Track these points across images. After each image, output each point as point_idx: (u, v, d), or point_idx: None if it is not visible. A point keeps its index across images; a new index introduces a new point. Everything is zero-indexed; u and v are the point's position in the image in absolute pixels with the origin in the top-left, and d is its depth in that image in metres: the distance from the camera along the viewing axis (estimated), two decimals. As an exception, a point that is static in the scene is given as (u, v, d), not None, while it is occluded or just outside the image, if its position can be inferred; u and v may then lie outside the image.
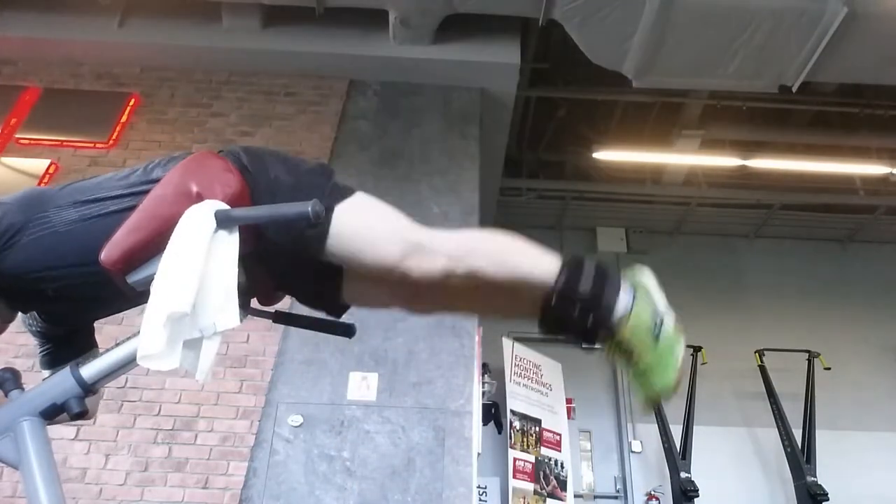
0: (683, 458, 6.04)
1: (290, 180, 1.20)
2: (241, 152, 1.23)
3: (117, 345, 1.16)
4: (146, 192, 1.15)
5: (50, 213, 1.15)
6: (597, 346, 1.23)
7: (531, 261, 1.22)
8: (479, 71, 5.12)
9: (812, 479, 5.81)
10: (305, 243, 1.17)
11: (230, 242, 1.07)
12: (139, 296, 1.08)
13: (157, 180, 1.17)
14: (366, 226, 1.20)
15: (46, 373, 1.33)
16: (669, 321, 1.18)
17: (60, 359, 1.32)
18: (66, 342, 1.37)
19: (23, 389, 1.13)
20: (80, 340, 1.40)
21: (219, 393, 3.85)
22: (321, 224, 1.14)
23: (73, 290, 1.19)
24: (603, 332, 1.19)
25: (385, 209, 1.25)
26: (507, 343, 6.34)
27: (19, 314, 1.29)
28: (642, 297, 1.19)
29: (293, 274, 1.31)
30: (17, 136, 4.82)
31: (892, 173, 6.79)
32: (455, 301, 1.36)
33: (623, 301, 1.17)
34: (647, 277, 1.24)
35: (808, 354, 6.75)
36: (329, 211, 1.15)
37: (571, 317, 1.19)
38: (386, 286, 1.27)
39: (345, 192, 1.22)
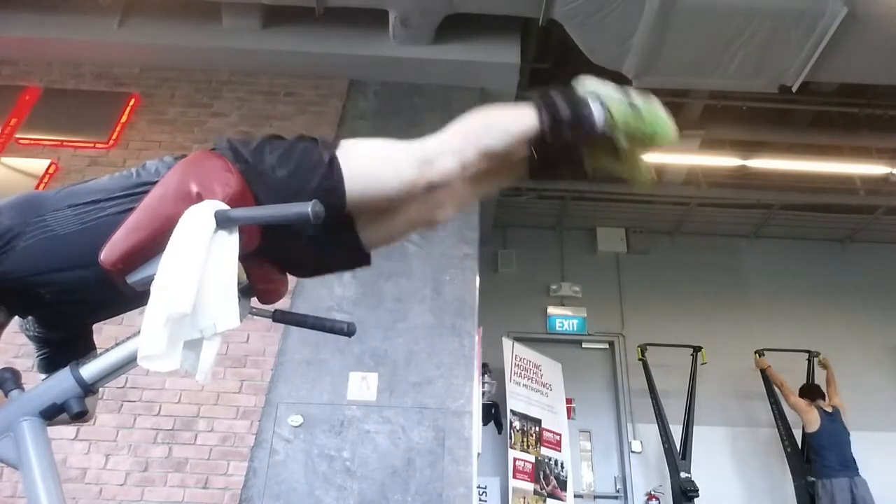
0: (683, 458, 6.04)
1: (289, 177, 1.21)
2: (244, 146, 1.24)
3: (117, 345, 1.16)
4: (144, 193, 1.15)
5: (48, 217, 1.14)
6: (586, 167, 1.46)
7: (516, 118, 1.35)
8: (479, 71, 5.11)
9: (812, 479, 5.82)
10: (326, 199, 1.16)
11: (230, 243, 1.07)
12: (138, 297, 1.08)
13: (155, 181, 1.17)
14: (374, 160, 1.30)
15: (43, 376, 1.33)
16: (636, 96, 1.39)
17: (58, 363, 1.31)
18: (64, 346, 1.37)
19: (23, 389, 1.13)
20: (78, 344, 1.39)
21: (219, 393, 3.86)
22: (333, 175, 1.20)
23: (71, 293, 1.18)
24: (593, 140, 1.38)
25: (375, 141, 1.34)
26: (507, 343, 6.34)
27: (15, 318, 1.28)
28: (605, 96, 1.37)
29: (305, 247, 1.31)
30: (17, 136, 4.82)
31: (892, 173, 6.79)
32: (468, 189, 1.46)
33: (595, 107, 1.35)
34: (590, 81, 1.41)
35: (808, 354, 6.75)
36: (333, 161, 1.22)
37: (567, 140, 1.36)
38: (403, 211, 1.35)
39: (335, 143, 1.28)
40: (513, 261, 7.62)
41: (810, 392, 6.11)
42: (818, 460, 5.68)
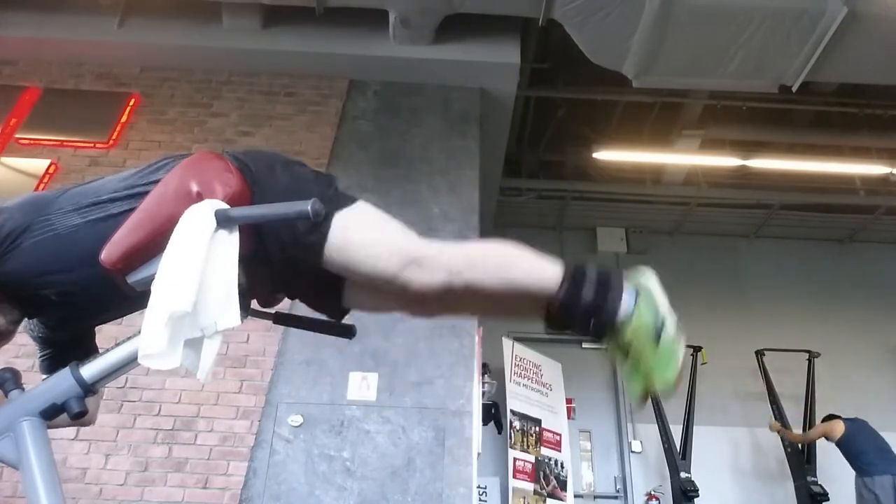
0: (683, 458, 6.04)
1: (292, 185, 1.21)
2: (246, 155, 1.24)
3: (118, 344, 1.16)
4: (146, 193, 1.15)
5: (52, 217, 1.15)
6: (600, 344, 1.24)
7: (532, 274, 1.21)
8: (479, 71, 5.12)
9: (812, 479, 5.81)
10: (304, 251, 1.17)
11: (230, 242, 1.07)
12: (140, 297, 1.08)
13: (156, 181, 1.17)
14: (365, 236, 1.20)
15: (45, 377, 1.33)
16: (671, 323, 1.20)
17: (61, 364, 1.31)
18: (67, 347, 1.37)
19: (23, 389, 1.12)
20: (81, 346, 1.39)
21: (219, 393, 3.85)
22: (320, 232, 1.15)
23: (75, 294, 1.18)
24: (606, 331, 1.20)
25: (385, 220, 1.25)
26: (507, 343, 6.34)
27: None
28: (645, 299, 1.20)
29: (294, 276, 1.30)
30: (17, 136, 4.82)
31: (892, 173, 6.79)
32: (457, 306, 1.36)
33: (626, 303, 1.19)
34: (649, 279, 1.25)
35: (808, 354, 6.75)
36: (328, 218, 1.16)
37: (574, 320, 1.21)
38: (386, 294, 1.27)
39: (346, 201, 1.22)
40: (513, 261, 7.62)
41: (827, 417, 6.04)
42: (858, 462, 5.57)
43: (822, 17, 4.23)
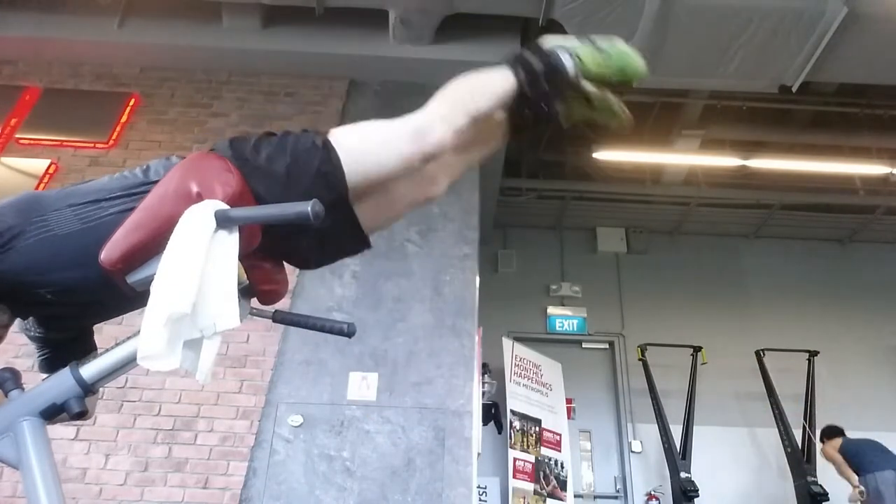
0: (683, 458, 6.04)
1: (292, 178, 1.21)
2: (238, 143, 1.25)
3: (117, 345, 1.16)
4: (145, 193, 1.15)
5: (48, 217, 1.14)
6: (559, 117, 1.47)
7: (496, 79, 1.38)
8: (479, 71, 5.11)
9: (812, 479, 5.81)
10: (327, 183, 1.21)
11: (230, 242, 1.07)
12: (138, 297, 1.08)
13: (155, 182, 1.17)
14: (369, 141, 1.29)
15: (44, 376, 1.33)
16: (597, 39, 1.42)
17: (59, 363, 1.31)
18: (65, 347, 1.36)
19: (23, 389, 1.12)
20: (79, 344, 1.39)
21: (219, 393, 3.86)
22: (330, 161, 1.21)
23: (72, 293, 1.18)
24: (567, 92, 1.42)
25: (364, 124, 1.33)
26: (507, 343, 6.34)
27: (17, 319, 1.28)
28: (570, 45, 1.41)
29: (307, 238, 1.31)
30: (17, 136, 4.82)
31: (892, 173, 6.79)
32: (457, 160, 1.47)
33: (565, 56, 1.39)
34: (553, 38, 1.44)
35: (808, 354, 6.75)
36: (327, 145, 1.23)
37: (545, 92, 1.38)
38: (398, 191, 1.37)
39: (324, 132, 1.29)
40: (513, 261, 7.63)
41: (829, 433, 6.00)
42: (858, 461, 5.56)
43: (822, 17, 4.23)
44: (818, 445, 6.00)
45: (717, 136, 6.69)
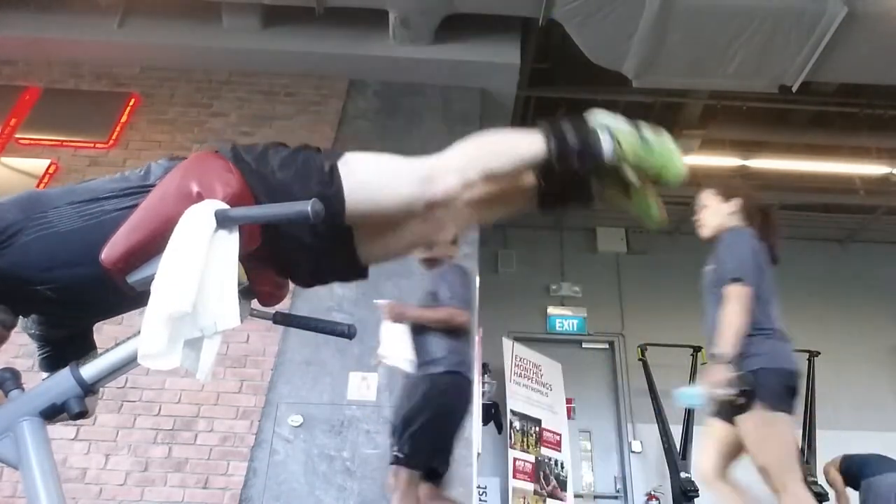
0: (683, 458, 6.04)
1: (294, 182, 1.21)
2: (242, 149, 1.24)
3: (117, 345, 1.16)
4: (146, 192, 1.15)
5: (49, 214, 1.14)
6: (592, 202, 1.43)
7: (523, 142, 1.32)
8: (479, 71, 5.12)
9: (811, 479, 5.81)
10: (328, 209, 1.17)
11: (230, 242, 1.07)
12: (139, 297, 1.08)
13: (156, 182, 1.17)
14: (376, 174, 1.26)
15: (44, 375, 1.33)
16: (645, 129, 1.33)
17: (60, 361, 1.31)
18: (66, 345, 1.37)
19: (23, 389, 1.12)
20: (80, 343, 1.39)
21: (219, 393, 3.86)
22: (335, 185, 1.19)
23: (72, 292, 1.18)
24: (600, 172, 1.34)
25: (378, 156, 1.30)
26: (507, 343, 6.34)
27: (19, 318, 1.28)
28: (615, 128, 1.32)
29: (303, 253, 1.30)
30: (17, 136, 4.83)
31: (892, 173, 6.79)
32: (472, 212, 1.42)
33: (605, 138, 1.30)
34: (601, 115, 1.36)
35: (808, 354, 6.75)
36: (334, 170, 1.21)
37: (573, 169, 1.32)
38: (403, 229, 1.32)
39: (338, 154, 1.27)
40: (513, 261, 7.62)
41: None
42: (859, 467, 5.57)
43: (822, 17, 4.24)
44: (818, 432, 5.97)
45: (717, 136, 6.69)
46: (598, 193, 1.42)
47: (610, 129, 1.32)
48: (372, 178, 1.25)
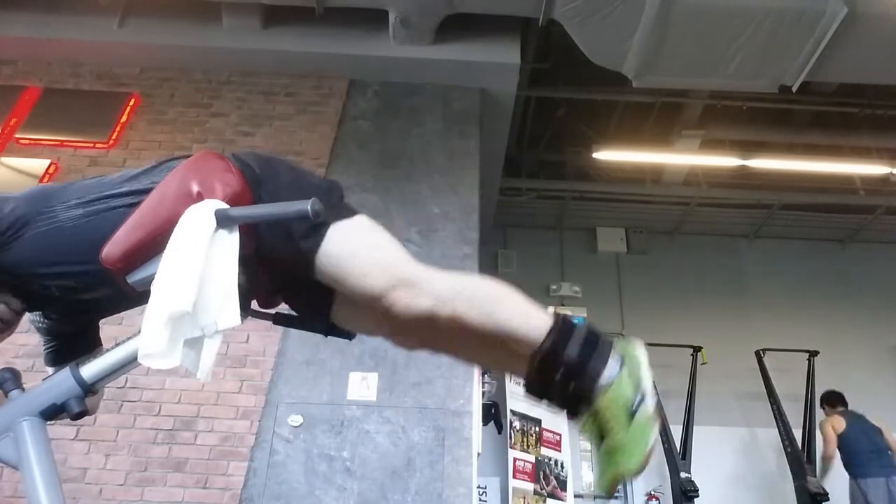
0: (683, 458, 6.04)
1: (294, 185, 1.21)
2: (254, 157, 1.25)
3: (117, 345, 1.16)
4: (148, 192, 1.15)
5: (56, 209, 1.16)
6: (575, 420, 1.15)
7: (519, 317, 1.14)
8: (479, 71, 5.11)
9: (812, 478, 5.81)
10: (297, 256, 1.16)
11: (230, 241, 1.07)
12: (141, 295, 1.08)
13: (158, 181, 1.17)
14: (357, 250, 1.17)
15: (50, 369, 1.34)
16: (650, 402, 1.10)
17: (66, 356, 1.32)
18: (72, 339, 1.38)
19: (23, 389, 1.13)
20: (86, 338, 1.40)
21: (219, 393, 3.85)
22: (315, 239, 1.14)
23: (76, 288, 1.19)
24: (583, 401, 1.11)
25: (381, 237, 1.22)
26: (507, 343, 6.33)
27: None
28: (629, 369, 1.12)
29: (290, 283, 1.30)
30: (17, 136, 4.82)
31: (892, 173, 6.79)
32: (439, 343, 1.30)
33: (610, 369, 1.10)
34: (638, 350, 1.15)
35: (808, 354, 6.75)
36: (325, 227, 1.15)
37: (552, 381, 1.11)
38: (372, 314, 1.22)
39: (347, 212, 1.22)
40: (513, 261, 7.62)
41: (830, 399, 6.06)
42: (853, 462, 5.60)
43: (822, 17, 4.23)
44: (818, 432, 5.99)
45: (717, 136, 6.70)
46: (581, 412, 1.14)
47: (624, 365, 1.11)
48: (356, 251, 1.17)
